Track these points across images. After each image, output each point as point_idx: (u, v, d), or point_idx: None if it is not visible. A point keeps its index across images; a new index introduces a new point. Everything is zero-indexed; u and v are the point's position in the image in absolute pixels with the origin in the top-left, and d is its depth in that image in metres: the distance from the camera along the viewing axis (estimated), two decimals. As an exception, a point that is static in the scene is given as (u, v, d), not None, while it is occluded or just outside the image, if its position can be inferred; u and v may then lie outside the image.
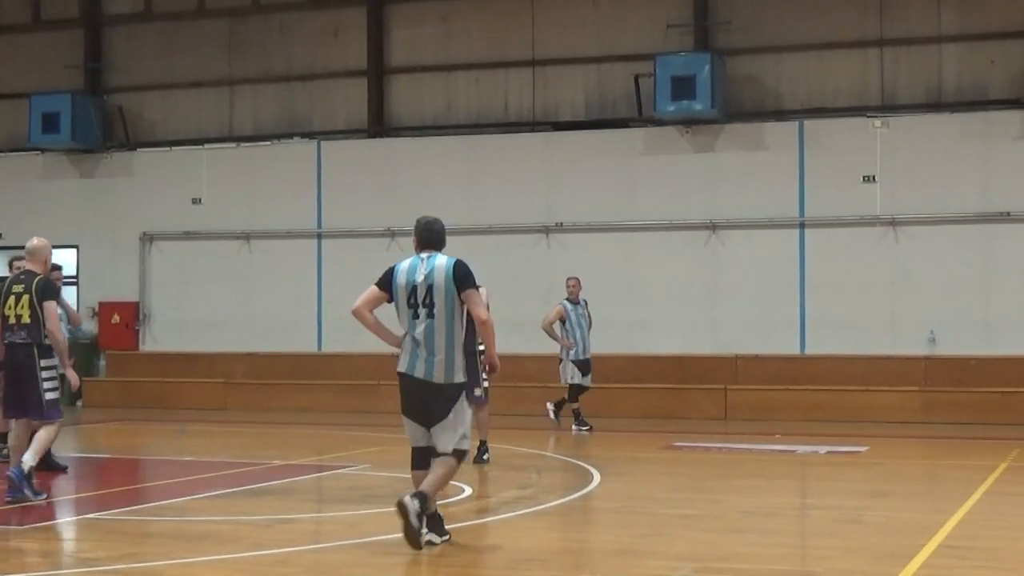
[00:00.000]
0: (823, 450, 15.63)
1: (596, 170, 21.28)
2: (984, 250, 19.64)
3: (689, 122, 20.72)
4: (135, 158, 24.03)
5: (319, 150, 22.88)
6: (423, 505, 8.76)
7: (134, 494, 12.83)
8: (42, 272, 11.41)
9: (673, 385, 20.37)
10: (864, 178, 20.04)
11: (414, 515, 8.69)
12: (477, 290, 9.09)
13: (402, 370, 9.07)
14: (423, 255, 9.16)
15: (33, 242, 11.56)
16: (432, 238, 9.24)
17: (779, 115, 20.80)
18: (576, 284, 18.19)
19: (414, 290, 9.01)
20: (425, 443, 9.10)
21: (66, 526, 10.63)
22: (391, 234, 21.87)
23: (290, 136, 23.27)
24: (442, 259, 9.10)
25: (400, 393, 9.15)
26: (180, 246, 23.61)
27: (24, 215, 23.86)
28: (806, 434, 17.13)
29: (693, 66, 20.15)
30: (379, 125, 22.85)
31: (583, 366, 18.08)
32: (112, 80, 24.51)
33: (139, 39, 24.36)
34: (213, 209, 23.33)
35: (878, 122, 20.07)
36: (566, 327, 17.97)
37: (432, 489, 8.90)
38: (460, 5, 22.56)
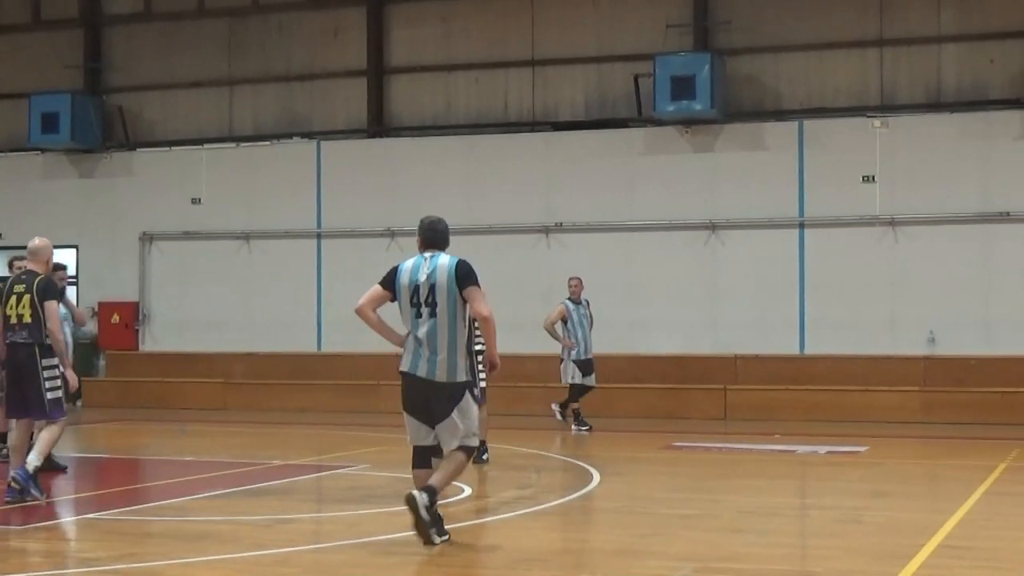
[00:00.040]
0: (823, 450, 15.63)
1: (596, 170, 21.28)
2: (984, 250, 19.65)
3: (689, 122, 20.72)
4: (135, 158, 24.03)
5: (319, 150, 22.88)
6: (432, 499, 8.79)
7: (134, 494, 12.83)
8: (43, 272, 11.43)
9: (673, 385, 20.37)
10: (864, 178, 20.04)
11: (424, 509, 8.72)
12: (479, 287, 9.09)
13: (404, 369, 9.08)
14: (426, 254, 9.17)
15: (35, 242, 11.57)
16: (436, 238, 9.25)
17: (779, 115, 20.80)
18: (578, 284, 18.19)
19: (417, 289, 9.02)
20: (427, 442, 9.11)
21: (66, 526, 10.62)
22: (391, 234, 21.88)
23: (290, 136, 23.27)
24: (445, 258, 9.11)
25: (402, 391, 9.17)
26: (180, 246, 23.61)
27: (24, 215, 23.87)
28: (806, 434, 17.14)
29: (693, 66, 20.16)
30: (379, 125, 22.85)
31: (584, 366, 18.06)
32: (112, 80, 24.51)
33: (139, 39, 24.36)
34: (213, 209, 23.33)
35: (878, 122, 20.08)
36: (568, 327, 17.96)
37: (441, 484, 8.93)
38: (460, 5, 22.56)
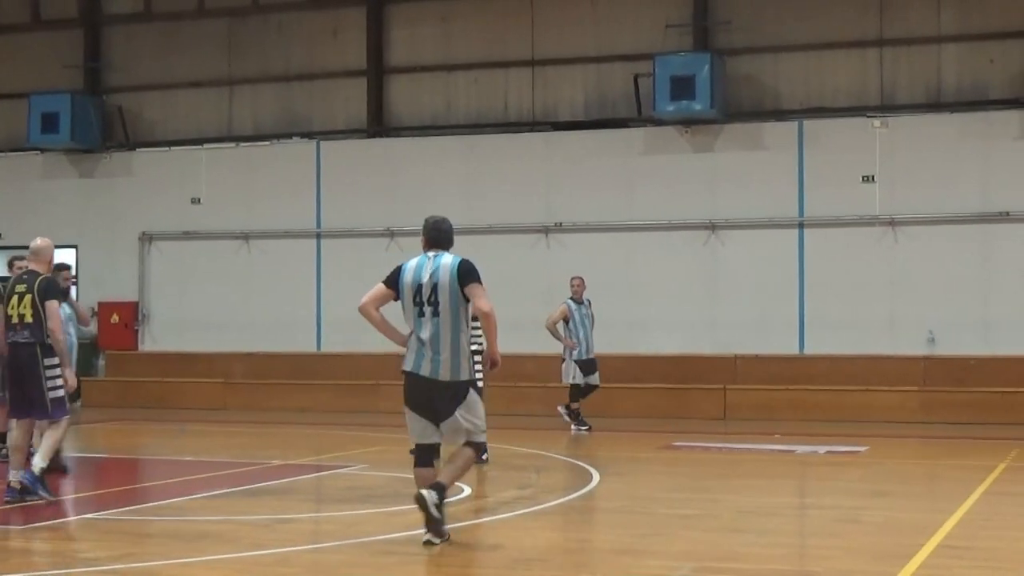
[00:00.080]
0: (822, 450, 15.62)
1: (596, 170, 21.28)
2: (983, 250, 19.64)
3: (688, 122, 20.72)
4: (134, 158, 24.03)
5: (318, 150, 22.88)
6: (441, 496, 8.82)
7: (133, 494, 12.83)
8: (45, 272, 11.44)
9: (673, 385, 20.35)
10: (863, 178, 20.04)
11: (433, 506, 8.77)
12: (481, 284, 9.08)
13: (408, 369, 9.08)
14: (430, 254, 9.19)
15: (37, 242, 11.59)
16: (440, 237, 9.26)
17: (778, 115, 20.80)
18: (580, 284, 18.18)
19: (420, 289, 9.02)
20: (431, 439, 9.13)
21: (65, 526, 10.61)
22: (390, 234, 21.87)
23: (289, 136, 23.26)
24: (448, 258, 9.12)
25: (405, 390, 9.17)
26: (179, 246, 23.61)
27: (23, 215, 23.87)
28: (805, 434, 17.13)
29: (692, 66, 20.15)
30: (378, 125, 22.84)
31: (586, 366, 18.04)
32: (111, 80, 24.51)
33: (139, 39, 24.35)
34: (212, 209, 23.33)
35: (877, 122, 20.07)
36: (569, 327, 17.94)
37: (450, 480, 8.99)
38: (460, 5, 22.56)
